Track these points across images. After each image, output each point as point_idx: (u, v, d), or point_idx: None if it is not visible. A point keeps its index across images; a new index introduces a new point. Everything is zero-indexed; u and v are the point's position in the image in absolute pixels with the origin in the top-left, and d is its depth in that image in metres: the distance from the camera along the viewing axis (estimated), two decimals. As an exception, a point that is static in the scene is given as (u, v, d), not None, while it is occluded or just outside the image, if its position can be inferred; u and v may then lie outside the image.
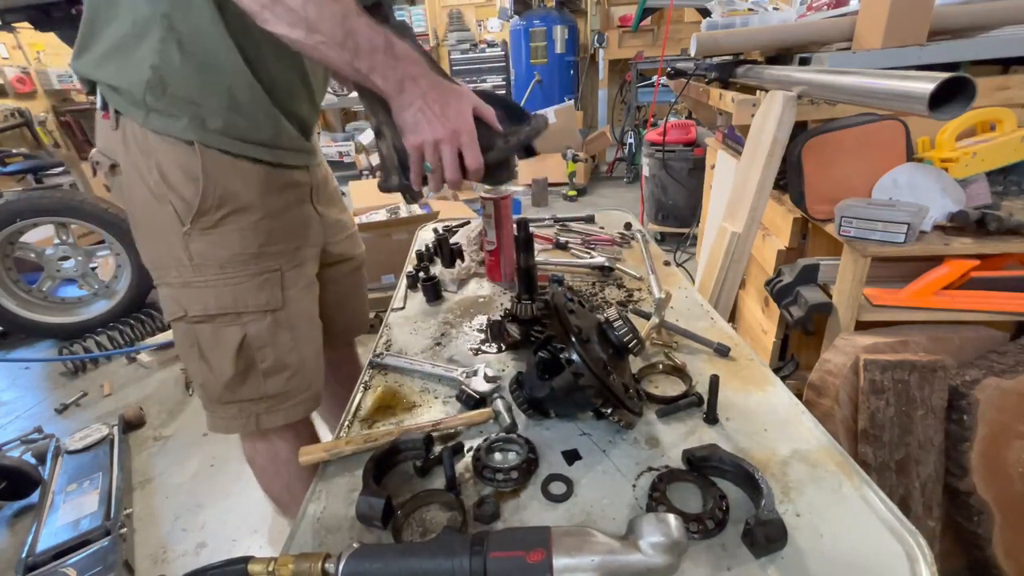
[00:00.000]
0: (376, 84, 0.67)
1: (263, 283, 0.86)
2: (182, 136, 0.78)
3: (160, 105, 0.76)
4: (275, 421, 0.94)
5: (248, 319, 0.87)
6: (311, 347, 0.96)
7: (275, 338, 0.89)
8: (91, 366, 2.57)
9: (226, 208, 0.82)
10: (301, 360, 0.94)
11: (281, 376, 0.91)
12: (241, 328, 0.86)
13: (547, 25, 5.73)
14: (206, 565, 0.52)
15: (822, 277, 1.31)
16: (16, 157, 3.75)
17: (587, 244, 1.43)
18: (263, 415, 0.93)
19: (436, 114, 0.67)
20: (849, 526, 0.58)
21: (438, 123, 0.67)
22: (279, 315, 0.88)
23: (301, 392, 0.95)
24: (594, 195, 4.90)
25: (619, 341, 0.76)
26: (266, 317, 0.88)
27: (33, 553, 1.40)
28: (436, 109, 0.67)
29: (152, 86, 0.75)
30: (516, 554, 0.48)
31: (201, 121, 0.78)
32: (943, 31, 1.35)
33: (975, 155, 1.20)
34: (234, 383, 0.89)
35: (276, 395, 0.92)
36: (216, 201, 0.81)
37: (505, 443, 0.74)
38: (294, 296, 0.90)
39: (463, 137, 0.68)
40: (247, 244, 0.84)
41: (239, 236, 0.84)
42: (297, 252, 0.92)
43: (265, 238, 0.86)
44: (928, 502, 1.10)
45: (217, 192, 0.81)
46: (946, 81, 0.78)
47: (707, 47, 1.56)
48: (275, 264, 0.87)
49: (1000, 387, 1.06)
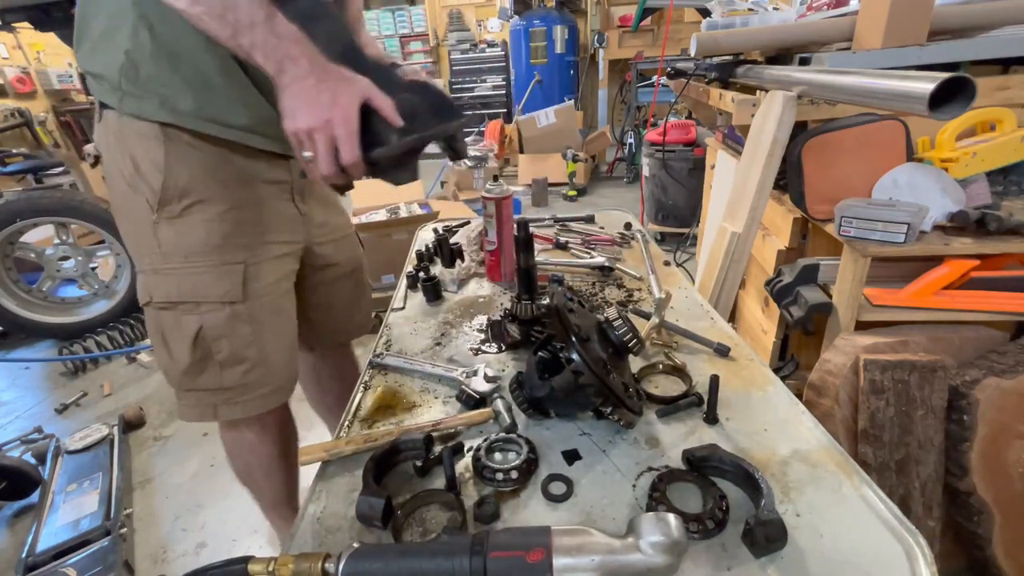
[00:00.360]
0: (258, 62, 0.64)
1: (223, 274, 0.86)
2: (153, 118, 0.79)
3: (133, 88, 0.77)
4: (233, 413, 0.94)
5: (206, 309, 0.87)
6: (278, 342, 0.95)
7: (232, 330, 0.88)
8: (91, 366, 2.57)
9: (190, 198, 0.83)
10: (262, 354, 0.93)
11: (238, 368, 0.91)
12: (199, 317, 0.87)
13: (547, 25, 5.73)
14: (206, 565, 0.52)
15: (822, 277, 1.31)
16: (16, 157, 3.75)
17: (587, 244, 1.43)
18: (220, 406, 0.93)
19: (312, 100, 0.63)
20: (849, 526, 0.58)
21: (313, 110, 0.63)
22: (238, 308, 0.88)
23: (262, 386, 0.95)
24: (594, 195, 4.90)
25: (619, 341, 0.76)
26: (224, 308, 0.87)
27: (33, 553, 1.40)
28: (313, 95, 0.63)
29: (125, 71, 0.76)
30: (516, 554, 0.48)
31: (172, 103, 0.78)
32: (943, 31, 1.35)
33: (975, 155, 1.20)
34: (192, 371, 0.90)
35: (234, 387, 0.92)
36: (178, 192, 0.82)
37: (505, 443, 0.74)
38: (259, 290, 0.90)
39: (337, 128, 0.63)
40: (211, 235, 0.84)
41: (203, 227, 0.84)
42: (268, 247, 0.91)
43: (230, 229, 0.85)
44: (928, 502, 1.10)
45: (180, 183, 0.82)
46: (946, 81, 0.78)
47: (707, 47, 1.56)
48: (238, 257, 0.86)
49: (1000, 387, 1.06)
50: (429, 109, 0.71)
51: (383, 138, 0.65)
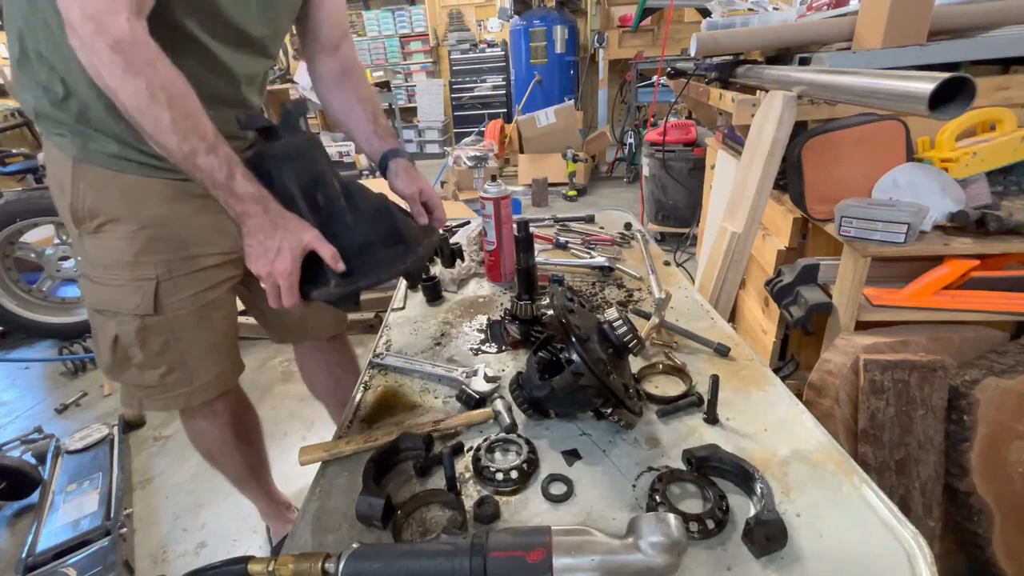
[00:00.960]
0: (227, 210, 0.74)
1: (135, 289, 0.90)
2: (65, 150, 0.83)
3: (48, 123, 0.83)
4: (155, 406, 1.02)
5: (121, 319, 0.92)
6: (197, 348, 0.99)
7: (143, 340, 0.94)
8: (91, 366, 2.57)
9: (100, 218, 0.86)
10: (181, 360, 0.98)
11: (155, 372, 0.97)
12: (116, 326, 0.92)
13: (547, 25, 5.73)
14: (206, 565, 0.52)
15: (822, 277, 1.31)
16: (16, 157, 3.74)
17: (587, 244, 1.43)
18: (144, 399, 1.01)
19: (262, 250, 0.73)
20: (849, 526, 0.58)
21: (261, 259, 0.73)
22: (148, 320, 0.92)
23: (181, 386, 1.00)
24: (594, 195, 4.90)
25: (619, 341, 0.76)
26: (135, 320, 0.92)
27: (33, 553, 1.39)
28: (263, 247, 0.73)
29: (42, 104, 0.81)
30: (516, 554, 0.48)
31: (85, 143, 0.82)
32: (943, 31, 1.35)
33: (975, 155, 1.20)
34: (114, 369, 0.97)
35: (154, 386, 0.99)
36: (87, 212, 0.86)
37: (505, 443, 0.75)
38: (174, 304, 0.93)
39: (279, 278, 0.73)
40: (123, 253, 0.88)
41: (115, 244, 0.88)
42: (190, 261, 0.93)
43: (141, 247, 0.88)
44: (928, 502, 1.10)
45: (87, 204, 0.85)
46: (946, 81, 0.78)
47: (707, 47, 1.56)
48: (150, 273, 0.90)
49: (1000, 387, 1.06)
50: (376, 253, 0.79)
51: (325, 280, 0.75)
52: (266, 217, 0.73)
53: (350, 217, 0.79)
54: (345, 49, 1.06)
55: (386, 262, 0.79)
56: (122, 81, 0.65)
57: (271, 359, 2.47)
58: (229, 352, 1.07)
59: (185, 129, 0.68)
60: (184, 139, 0.68)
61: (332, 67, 1.05)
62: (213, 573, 0.52)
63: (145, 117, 0.67)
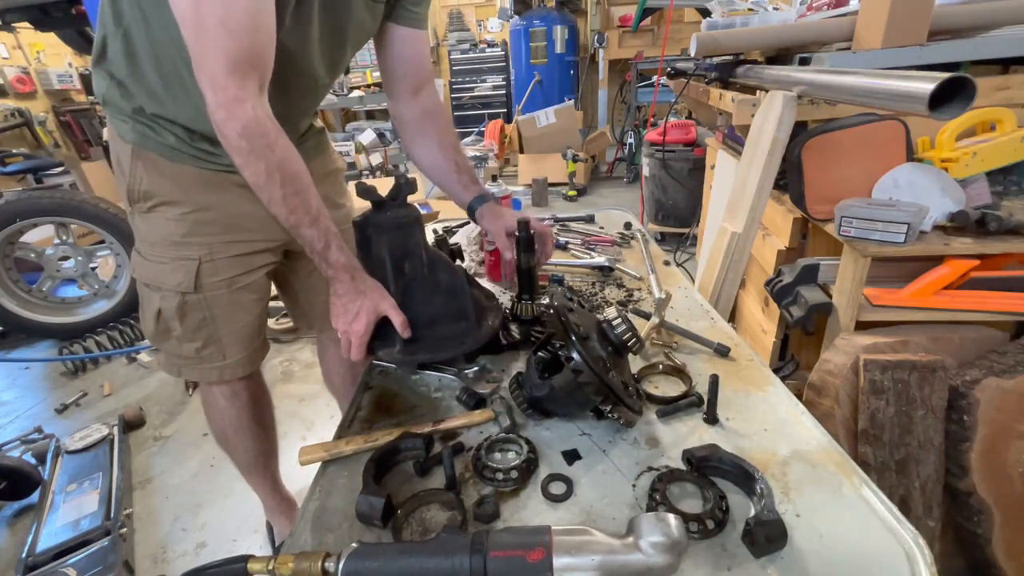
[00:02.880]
0: (320, 272, 0.85)
1: (178, 268, 0.97)
2: (127, 139, 0.91)
3: (115, 111, 0.90)
4: (192, 376, 1.10)
5: (164, 294, 0.99)
6: (230, 327, 1.05)
7: (183, 316, 1.01)
8: (91, 366, 2.57)
9: (154, 200, 0.94)
10: (215, 337, 1.05)
11: (191, 345, 1.04)
12: (160, 299, 1.00)
13: (547, 25, 5.73)
14: (206, 564, 0.52)
15: (822, 277, 1.31)
16: (16, 157, 3.74)
17: (587, 244, 1.43)
18: (183, 367, 1.09)
19: (343, 311, 0.84)
20: (849, 526, 0.58)
21: (342, 318, 0.84)
22: (190, 297, 0.99)
23: (215, 360, 1.07)
24: (594, 195, 4.90)
25: (618, 340, 0.76)
26: (176, 296, 0.99)
27: (33, 553, 1.39)
28: (344, 308, 0.84)
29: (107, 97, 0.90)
30: (516, 554, 0.48)
31: (149, 134, 0.89)
32: (943, 31, 1.35)
33: (975, 155, 1.20)
34: (157, 338, 1.05)
35: (191, 358, 1.06)
36: (142, 194, 0.94)
37: (505, 443, 0.75)
38: (213, 284, 1.00)
39: (352, 337, 0.83)
40: (171, 233, 0.95)
41: (164, 224, 0.95)
42: (230, 245, 0.99)
43: (188, 229, 0.95)
44: (928, 502, 1.10)
45: (142, 187, 0.93)
46: (946, 81, 0.78)
47: (707, 47, 1.56)
48: (194, 254, 0.96)
49: (1000, 387, 1.06)
50: (440, 329, 0.88)
51: (392, 341, 0.85)
52: (352, 284, 0.83)
53: (427, 288, 0.89)
54: (429, 92, 1.10)
55: (447, 340, 0.88)
56: (245, 162, 0.75)
57: (271, 359, 2.47)
58: (259, 333, 1.13)
59: (294, 204, 0.78)
60: (292, 212, 0.79)
61: (414, 109, 1.09)
62: (213, 572, 0.52)
63: (262, 192, 0.78)
